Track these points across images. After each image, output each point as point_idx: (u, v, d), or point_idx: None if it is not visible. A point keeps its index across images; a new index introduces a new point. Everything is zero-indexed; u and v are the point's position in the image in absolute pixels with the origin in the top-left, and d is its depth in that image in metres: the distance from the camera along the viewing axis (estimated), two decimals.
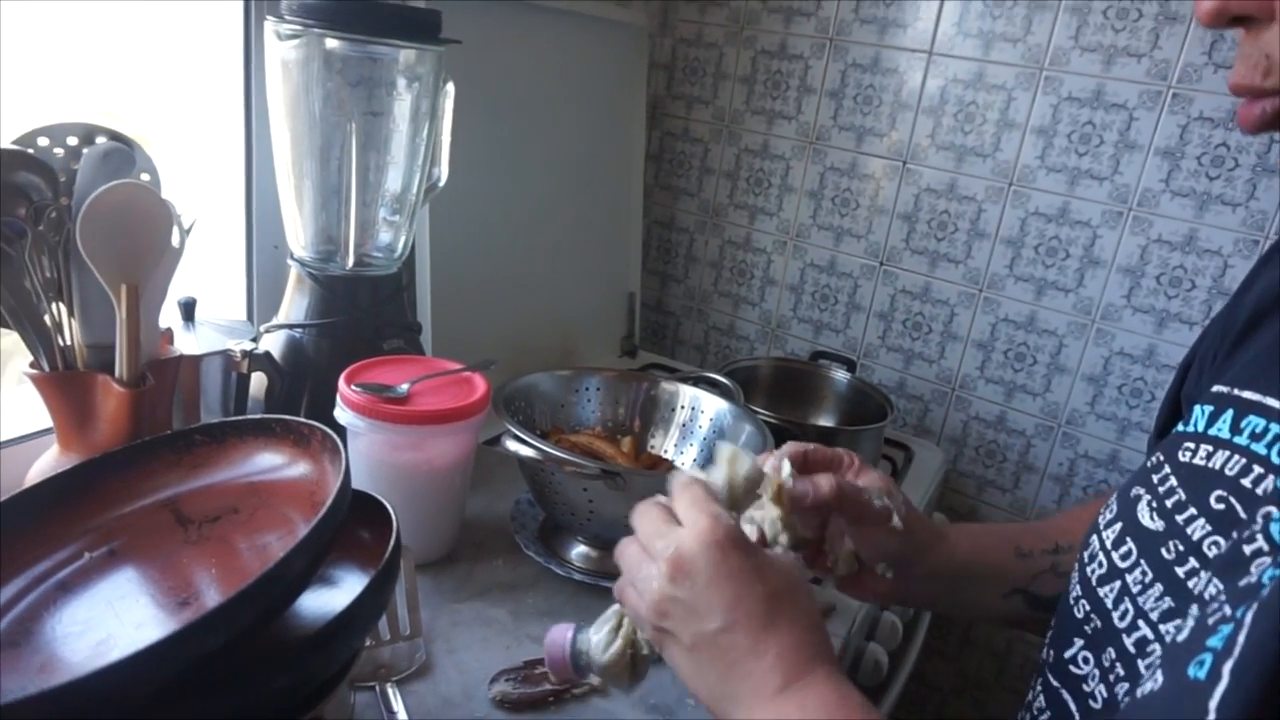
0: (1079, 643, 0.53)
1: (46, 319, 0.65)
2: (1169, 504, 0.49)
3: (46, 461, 0.67)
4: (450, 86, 0.90)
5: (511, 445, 0.78)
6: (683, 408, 0.96)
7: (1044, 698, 0.56)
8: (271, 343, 0.86)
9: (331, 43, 0.82)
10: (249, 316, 1.02)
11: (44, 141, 0.65)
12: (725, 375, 1.06)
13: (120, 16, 0.88)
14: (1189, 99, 1.13)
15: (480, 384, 0.81)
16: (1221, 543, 0.44)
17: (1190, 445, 0.50)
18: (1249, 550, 0.40)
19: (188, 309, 0.82)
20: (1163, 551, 0.48)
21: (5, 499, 0.57)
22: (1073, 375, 1.29)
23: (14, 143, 0.64)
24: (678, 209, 1.61)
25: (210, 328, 0.83)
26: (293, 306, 0.88)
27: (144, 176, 0.70)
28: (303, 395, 0.85)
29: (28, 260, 0.63)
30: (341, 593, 0.61)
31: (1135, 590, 0.49)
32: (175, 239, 0.69)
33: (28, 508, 0.58)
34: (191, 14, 0.93)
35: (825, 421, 1.25)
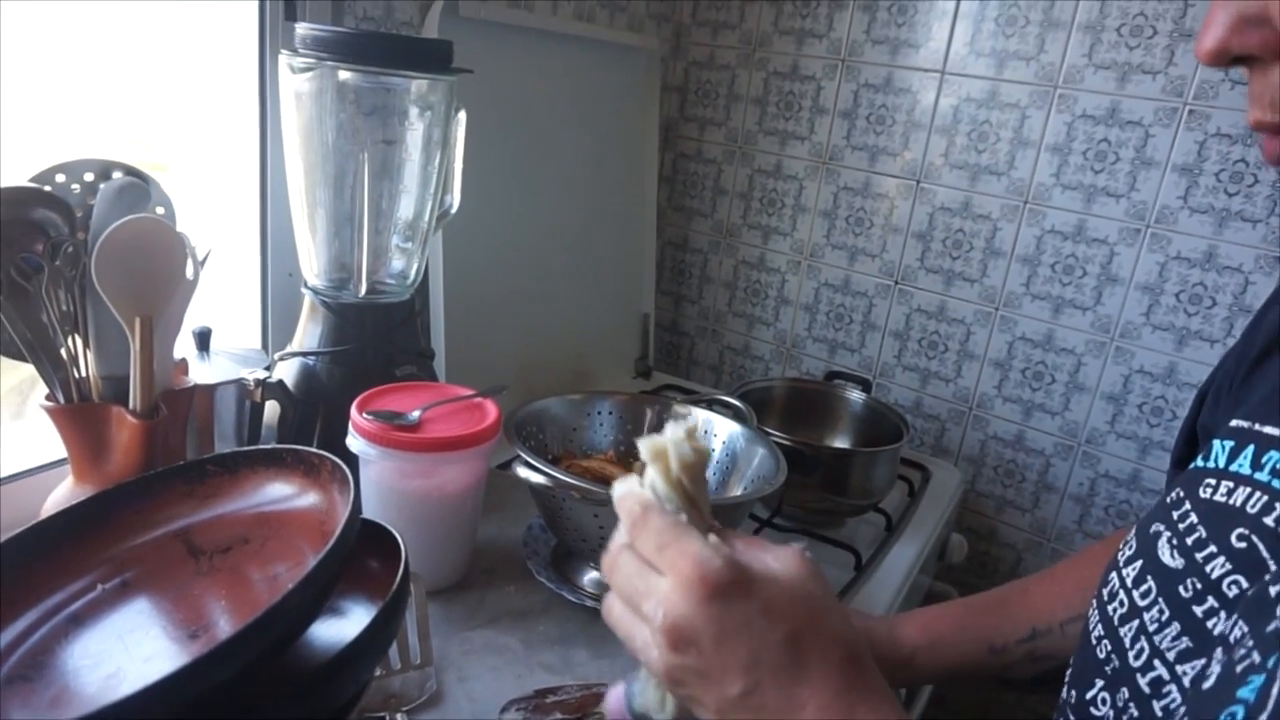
0: (1099, 683, 0.52)
1: (62, 352, 0.66)
2: (1189, 541, 0.48)
3: (62, 493, 0.68)
4: (462, 115, 0.91)
5: (522, 472, 0.78)
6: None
7: None
8: (285, 371, 0.87)
9: (344, 74, 0.83)
10: (264, 344, 1.03)
11: (61, 178, 0.67)
12: (739, 397, 1.06)
13: (146, 48, 0.90)
14: (1206, 115, 1.12)
15: (491, 410, 0.81)
16: (1242, 582, 0.43)
17: (1211, 481, 0.49)
18: (1274, 592, 0.39)
19: (203, 339, 0.82)
20: (1180, 590, 0.47)
21: (19, 532, 0.58)
22: (1092, 394, 1.27)
23: (31, 180, 0.66)
24: (691, 230, 1.61)
25: (225, 357, 0.84)
26: (306, 334, 0.88)
27: (159, 210, 0.71)
28: (316, 423, 0.86)
29: (44, 294, 0.64)
30: (351, 623, 0.61)
31: (1152, 629, 0.48)
32: (190, 271, 0.70)
33: (41, 540, 0.58)
34: (210, 47, 0.95)
35: (840, 443, 1.24)
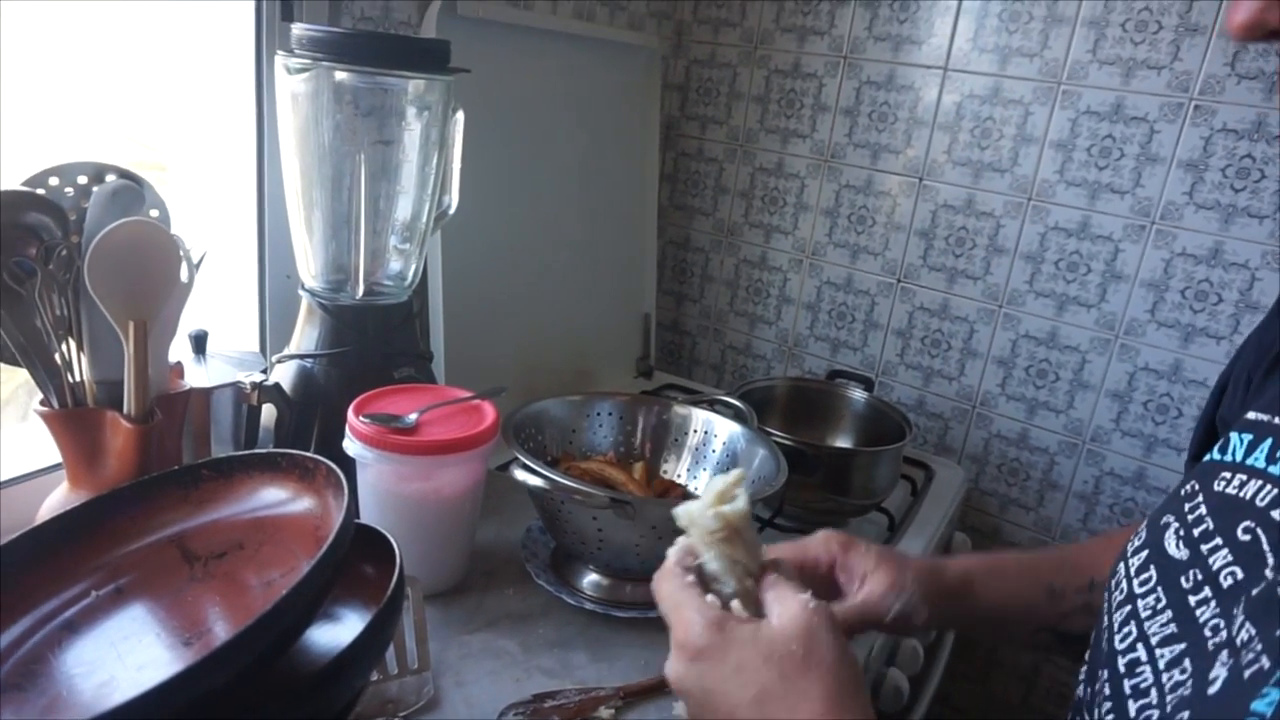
0: (1084, 669, 0.52)
1: (56, 356, 0.66)
2: (1196, 533, 0.48)
3: (56, 498, 0.68)
4: (460, 115, 0.91)
5: (520, 474, 0.77)
6: (695, 431, 0.95)
7: None
8: (283, 373, 0.87)
9: (340, 75, 0.82)
10: (262, 347, 1.02)
11: (54, 181, 0.66)
12: (740, 397, 1.05)
13: (144, 48, 0.90)
14: (1212, 110, 1.11)
15: (489, 412, 0.81)
16: (1239, 573, 0.43)
17: (1226, 474, 0.48)
18: None
19: (199, 342, 0.82)
20: (1182, 580, 0.47)
21: (13, 538, 0.58)
22: (1096, 391, 1.26)
23: (25, 183, 0.65)
24: (693, 229, 1.60)
25: (221, 360, 0.83)
26: (304, 337, 0.88)
27: (153, 213, 0.71)
28: (314, 426, 0.85)
29: (38, 299, 0.64)
30: (346, 629, 0.60)
31: (1144, 615, 0.48)
32: (184, 274, 0.70)
33: (35, 546, 0.58)
34: (209, 48, 0.95)
35: (843, 442, 1.23)
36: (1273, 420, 0.48)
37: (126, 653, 0.54)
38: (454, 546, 0.81)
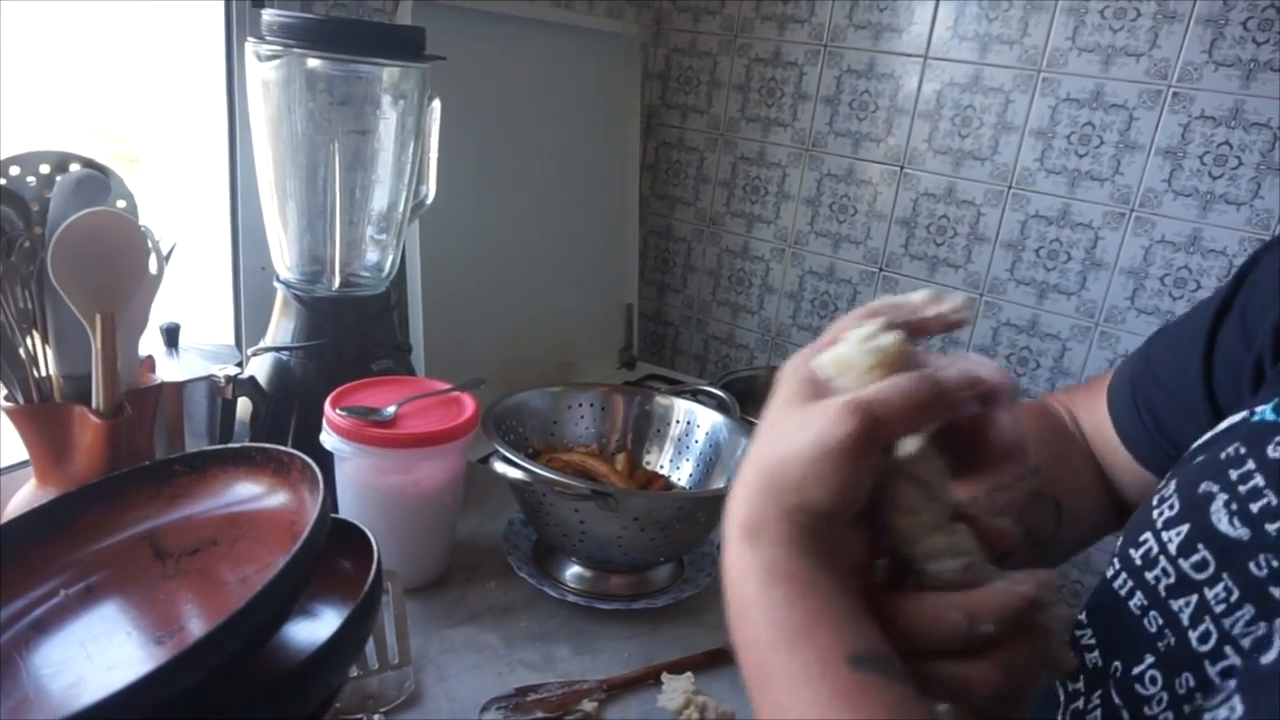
0: (1149, 659, 0.47)
1: (21, 351, 0.64)
2: (1254, 508, 0.42)
3: (24, 496, 0.66)
4: (436, 103, 0.89)
5: (500, 467, 0.76)
6: (678, 422, 0.95)
7: (1100, 712, 0.49)
8: (259, 366, 0.85)
9: (313, 62, 0.80)
10: (237, 340, 1.01)
11: (15, 170, 0.64)
12: (723, 386, 1.05)
13: (113, 37, 0.88)
14: (1190, 98, 1.11)
15: (469, 404, 0.80)
16: None
17: None
18: None
19: (171, 335, 0.80)
20: (1251, 567, 0.41)
21: None
22: (1078, 379, 1.27)
23: None
24: (674, 218, 1.59)
25: (195, 353, 0.82)
26: (279, 329, 0.87)
27: (120, 204, 0.69)
28: (291, 419, 0.84)
29: (0, 291, 0.62)
30: (323, 625, 0.59)
31: (1218, 610, 0.42)
32: (154, 266, 0.68)
33: (2, 545, 0.56)
34: (178, 36, 0.93)
35: None
36: None
37: (96, 652, 0.53)
38: (434, 540, 0.80)
